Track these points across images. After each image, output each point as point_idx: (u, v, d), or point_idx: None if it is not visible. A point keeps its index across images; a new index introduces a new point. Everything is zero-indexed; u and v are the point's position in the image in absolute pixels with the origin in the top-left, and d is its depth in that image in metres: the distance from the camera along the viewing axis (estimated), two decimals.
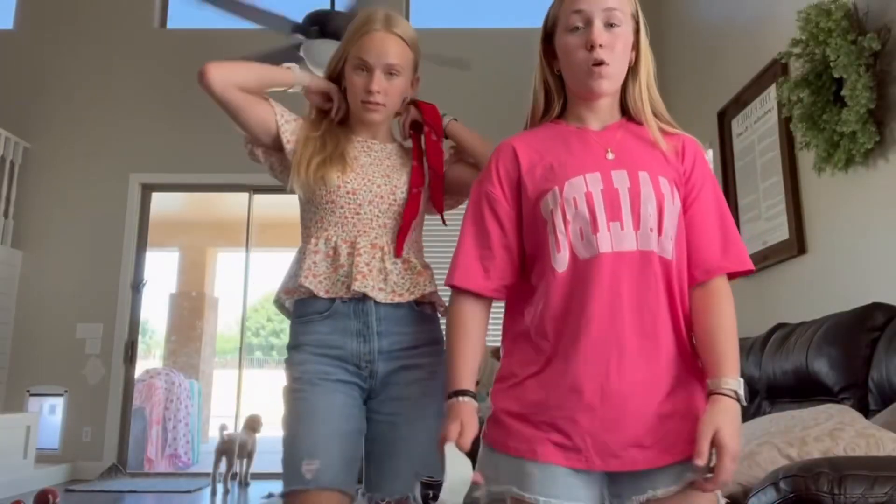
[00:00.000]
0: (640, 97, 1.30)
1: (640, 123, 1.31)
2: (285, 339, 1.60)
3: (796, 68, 3.06)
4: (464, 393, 1.22)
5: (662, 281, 1.20)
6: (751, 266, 1.28)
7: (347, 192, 1.54)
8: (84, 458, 5.28)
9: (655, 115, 1.30)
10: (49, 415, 5.33)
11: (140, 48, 5.87)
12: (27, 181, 5.66)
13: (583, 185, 1.22)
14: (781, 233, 3.44)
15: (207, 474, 4.98)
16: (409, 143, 1.70)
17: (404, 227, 1.57)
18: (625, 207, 1.21)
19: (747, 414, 2.27)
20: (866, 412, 2.06)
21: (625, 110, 1.34)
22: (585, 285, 1.19)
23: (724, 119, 4.14)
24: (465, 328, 1.27)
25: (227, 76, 1.52)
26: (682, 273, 1.24)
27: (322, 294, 1.50)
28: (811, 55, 2.89)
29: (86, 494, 4.61)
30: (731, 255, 1.26)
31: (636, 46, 1.30)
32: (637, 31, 1.30)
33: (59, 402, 5.37)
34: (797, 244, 3.29)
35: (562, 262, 1.21)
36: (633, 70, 1.31)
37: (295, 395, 1.50)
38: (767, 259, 3.55)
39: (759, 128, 3.72)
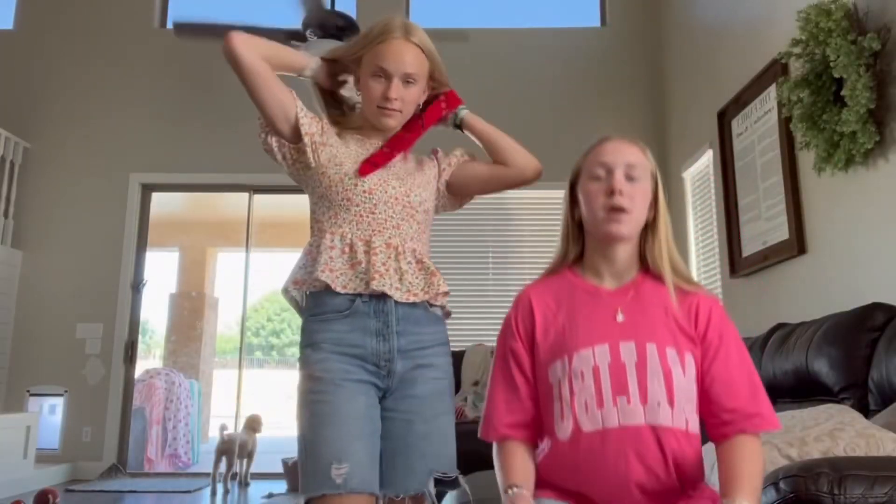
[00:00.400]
0: (659, 254, 1.35)
1: (657, 277, 1.35)
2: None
3: (796, 68, 3.06)
4: (512, 486, 1.27)
5: (672, 451, 1.23)
6: (778, 425, 1.29)
7: (364, 192, 1.56)
8: (84, 458, 5.28)
9: (675, 271, 1.35)
10: (49, 415, 5.32)
11: (140, 48, 5.87)
12: (27, 181, 5.66)
13: (591, 358, 1.27)
14: (781, 233, 3.44)
15: (207, 474, 4.97)
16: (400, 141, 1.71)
17: (411, 135, 1.64)
18: (632, 382, 1.24)
19: None
20: (866, 412, 2.06)
21: (643, 260, 1.38)
22: (589, 460, 1.24)
23: (724, 119, 4.14)
24: (513, 457, 1.33)
25: (253, 44, 1.53)
26: (697, 439, 1.27)
27: (339, 289, 1.51)
28: (811, 55, 2.89)
29: (86, 494, 4.61)
30: (761, 413, 1.27)
31: (655, 205, 1.36)
32: (656, 191, 1.36)
33: (59, 402, 5.37)
34: (797, 244, 3.29)
35: (564, 431, 1.26)
36: (651, 226, 1.36)
37: (317, 397, 1.48)
38: (767, 259, 3.55)
39: (759, 128, 3.72)
